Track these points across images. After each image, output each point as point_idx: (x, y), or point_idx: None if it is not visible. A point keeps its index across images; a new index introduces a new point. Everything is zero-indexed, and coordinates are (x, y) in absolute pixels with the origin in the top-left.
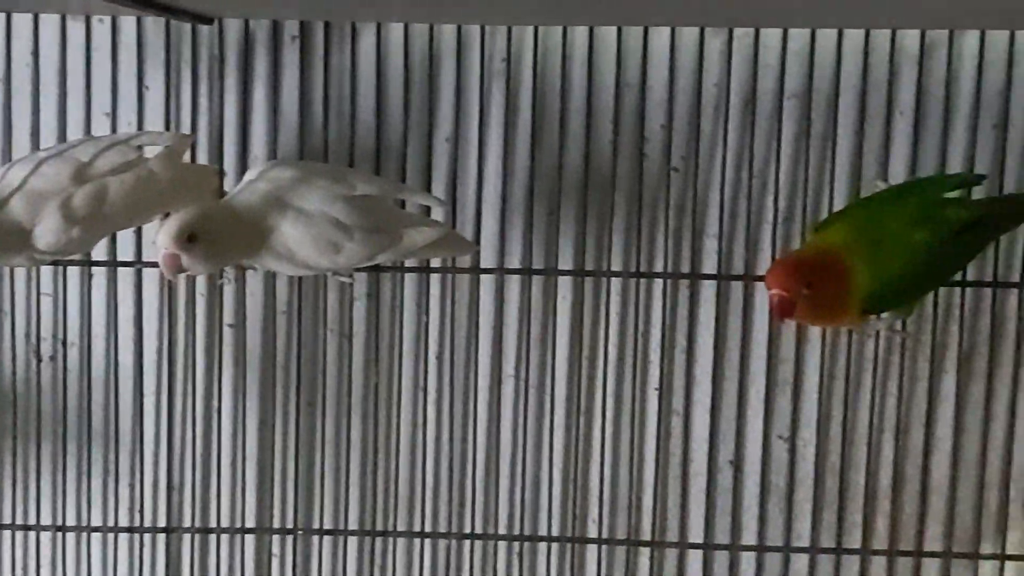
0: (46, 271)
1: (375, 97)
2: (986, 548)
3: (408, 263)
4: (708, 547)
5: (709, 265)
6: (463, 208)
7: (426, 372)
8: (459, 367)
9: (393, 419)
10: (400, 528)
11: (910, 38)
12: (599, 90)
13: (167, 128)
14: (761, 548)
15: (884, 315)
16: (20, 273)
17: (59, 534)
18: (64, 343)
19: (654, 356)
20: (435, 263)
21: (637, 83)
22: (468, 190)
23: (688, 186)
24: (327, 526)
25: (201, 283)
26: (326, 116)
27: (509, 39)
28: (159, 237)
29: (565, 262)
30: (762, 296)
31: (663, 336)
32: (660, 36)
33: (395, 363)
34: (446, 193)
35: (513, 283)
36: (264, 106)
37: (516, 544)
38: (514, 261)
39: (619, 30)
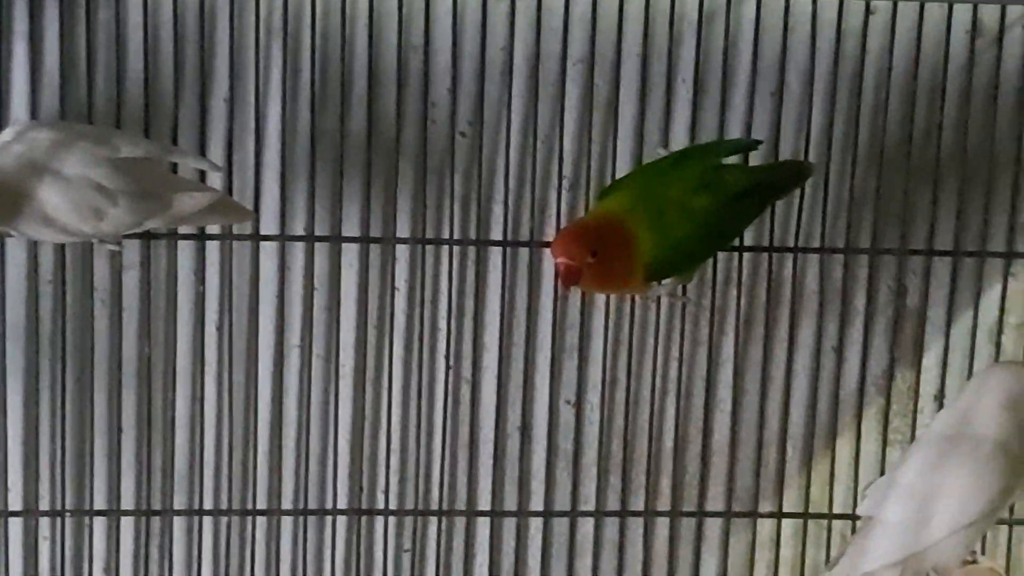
0: None
1: (144, 54)
2: (765, 507)
3: (183, 230)
4: (496, 514)
5: (496, 231)
6: (241, 172)
7: (204, 343)
8: (240, 338)
9: (170, 393)
10: (179, 507)
11: (690, 5)
12: (382, 52)
13: None
14: (548, 513)
15: (666, 281)
16: None
17: None
18: None
19: (442, 324)
20: (213, 230)
21: (421, 45)
22: (246, 153)
23: (475, 151)
24: (100, 506)
25: None
26: (91, 74)
27: None
28: None
29: (350, 229)
30: (549, 262)
31: (451, 303)
32: None
33: (171, 335)
34: (223, 157)
35: (296, 250)
36: (24, 63)
37: (302, 519)
38: (297, 228)
39: None
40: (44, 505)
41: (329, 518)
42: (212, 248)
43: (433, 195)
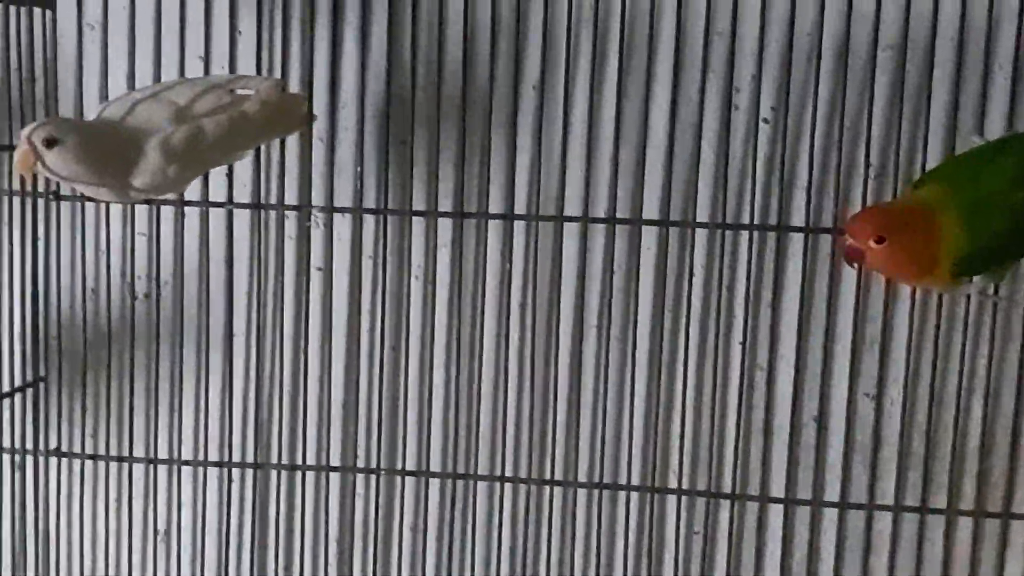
0: (141, 211)
1: (463, 45)
2: None
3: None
4: (790, 502)
5: (797, 218)
6: (548, 157)
7: (508, 320)
8: (541, 316)
9: (476, 364)
10: (482, 472)
11: None
12: (689, 39)
13: (258, 71)
14: (845, 505)
15: (976, 278)
16: (116, 213)
17: (151, 466)
18: (158, 282)
19: (739, 310)
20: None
21: (728, 32)
22: (554, 137)
23: (778, 137)
24: (410, 467)
25: (291, 226)
26: (414, 62)
27: None
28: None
29: (650, 212)
30: None
31: (748, 289)
32: None
33: (478, 310)
34: (531, 143)
35: (597, 233)
36: (353, 51)
37: (596, 491)
38: (598, 211)
39: None
40: (360, 463)
41: (622, 493)
42: (518, 229)
43: (734, 180)
